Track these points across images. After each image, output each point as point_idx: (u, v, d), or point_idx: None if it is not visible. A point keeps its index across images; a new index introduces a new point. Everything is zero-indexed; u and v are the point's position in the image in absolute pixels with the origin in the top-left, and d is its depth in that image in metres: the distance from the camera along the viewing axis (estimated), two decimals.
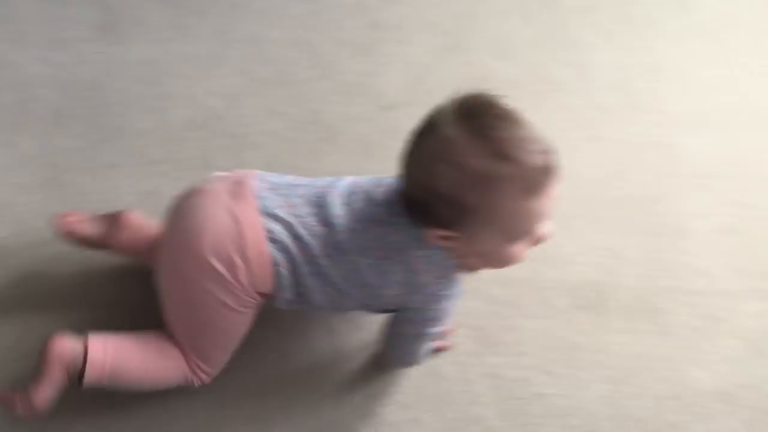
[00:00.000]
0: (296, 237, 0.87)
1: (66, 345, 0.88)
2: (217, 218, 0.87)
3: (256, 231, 0.86)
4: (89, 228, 1.03)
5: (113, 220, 1.04)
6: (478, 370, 1.12)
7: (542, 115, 1.37)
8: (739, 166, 1.39)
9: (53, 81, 1.28)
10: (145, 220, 1.06)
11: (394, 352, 1.03)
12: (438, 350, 1.09)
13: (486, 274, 1.18)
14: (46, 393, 0.88)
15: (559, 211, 1.26)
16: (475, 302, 1.18)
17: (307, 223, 0.88)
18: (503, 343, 1.15)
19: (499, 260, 0.92)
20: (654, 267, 1.26)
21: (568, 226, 1.28)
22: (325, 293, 0.90)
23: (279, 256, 0.87)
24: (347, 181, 0.94)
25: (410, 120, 0.87)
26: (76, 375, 0.88)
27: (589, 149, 1.39)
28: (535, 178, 0.82)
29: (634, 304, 1.22)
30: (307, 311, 1.02)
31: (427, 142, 0.83)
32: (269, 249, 0.86)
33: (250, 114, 1.33)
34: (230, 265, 0.86)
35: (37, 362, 0.88)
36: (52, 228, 0.99)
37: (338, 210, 0.89)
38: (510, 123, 0.83)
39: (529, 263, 1.21)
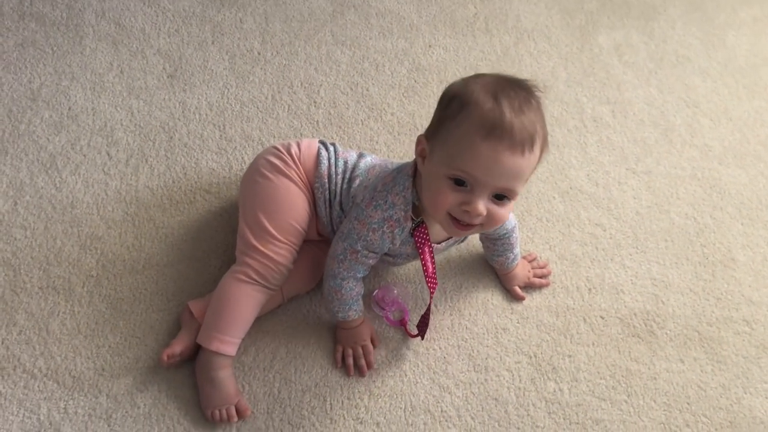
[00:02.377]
0: (337, 158, 1.14)
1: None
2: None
3: (312, 140, 1.18)
4: (179, 347, 1.09)
5: (186, 323, 1.12)
6: (535, 396, 1.13)
7: (585, 149, 1.46)
8: None
9: (131, 125, 1.38)
10: (202, 302, 1.13)
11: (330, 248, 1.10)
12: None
13: (535, 303, 1.23)
14: (209, 391, 1.06)
15: (604, 242, 1.32)
16: (529, 330, 1.20)
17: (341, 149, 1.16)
18: (558, 369, 1.17)
19: (432, 192, 0.94)
20: (703, 296, 1.28)
21: (615, 256, 1.31)
22: (334, 196, 1.11)
23: (323, 152, 1.14)
24: None
25: None
26: (222, 358, 1.06)
27: (632, 182, 1.43)
28: (494, 123, 0.87)
29: (685, 333, 1.23)
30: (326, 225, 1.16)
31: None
32: (318, 144, 1.16)
33: None
34: (287, 145, 1.16)
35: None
36: (160, 365, 1.10)
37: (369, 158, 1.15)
38: (525, 96, 0.91)
39: (578, 292, 1.25)
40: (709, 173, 1.47)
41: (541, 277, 1.26)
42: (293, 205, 1.10)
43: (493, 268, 1.26)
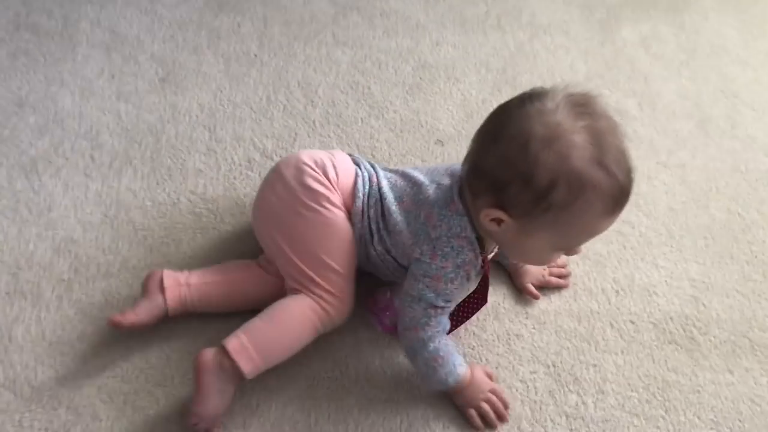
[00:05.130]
0: (369, 175, 1.02)
1: (207, 357, 0.90)
2: (314, 150, 1.05)
3: (345, 157, 1.04)
4: (132, 319, 0.98)
5: (151, 294, 1.00)
6: (553, 410, 0.97)
7: None
8: None
9: (117, 128, 1.30)
10: (178, 274, 1.02)
11: (400, 320, 0.96)
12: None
13: (553, 307, 1.08)
14: (212, 403, 0.90)
15: (633, 240, 1.17)
16: (546, 336, 1.05)
17: (372, 172, 1.03)
18: (581, 380, 1.00)
19: (532, 258, 0.96)
20: (753, 299, 1.11)
21: (646, 255, 1.16)
22: (371, 235, 0.98)
23: (359, 173, 1.01)
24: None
25: (464, 154, 0.90)
26: (238, 375, 0.90)
27: (665, 176, 1.28)
28: (618, 197, 0.81)
29: (733, 339, 1.06)
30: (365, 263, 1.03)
31: (531, 121, 0.79)
32: (353, 166, 1.02)
33: None
34: (322, 166, 0.99)
35: (193, 381, 0.90)
36: (111, 327, 0.98)
37: (392, 171, 1.04)
38: (617, 134, 0.81)
39: (603, 294, 1.10)
40: (753, 165, 1.31)
41: (559, 277, 1.11)
42: (350, 238, 0.98)
43: (504, 268, 1.12)
